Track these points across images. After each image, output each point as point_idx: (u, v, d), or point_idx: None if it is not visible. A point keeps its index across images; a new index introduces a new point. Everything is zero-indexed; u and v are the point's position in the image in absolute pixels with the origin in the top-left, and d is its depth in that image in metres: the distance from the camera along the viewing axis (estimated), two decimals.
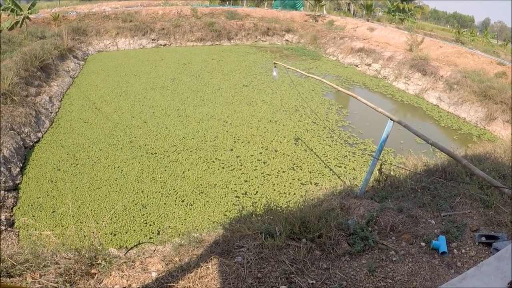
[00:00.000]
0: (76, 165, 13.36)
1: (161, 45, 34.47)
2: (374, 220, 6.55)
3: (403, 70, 26.29)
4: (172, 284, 5.10)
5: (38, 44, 22.88)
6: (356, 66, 30.72)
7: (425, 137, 6.75)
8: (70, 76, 23.11)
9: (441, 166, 9.14)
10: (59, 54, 24.43)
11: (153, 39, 34.27)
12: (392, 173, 9.48)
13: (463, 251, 5.79)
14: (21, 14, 24.77)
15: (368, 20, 41.24)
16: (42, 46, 22.61)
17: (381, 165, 9.09)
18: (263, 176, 13.26)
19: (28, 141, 14.48)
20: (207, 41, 36.08)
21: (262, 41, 38.48)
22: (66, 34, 27.08)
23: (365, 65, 30.00)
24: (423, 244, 5.97)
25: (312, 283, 5.13)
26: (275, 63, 16.13)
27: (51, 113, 17.52)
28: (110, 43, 32.44)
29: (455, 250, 5.83)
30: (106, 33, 32.60)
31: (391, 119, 7.64)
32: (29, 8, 26.07)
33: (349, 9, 53.87)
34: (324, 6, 45.59)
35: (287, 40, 39.17)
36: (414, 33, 30.75)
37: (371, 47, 30.86)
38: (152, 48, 33.87)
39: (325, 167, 13.99)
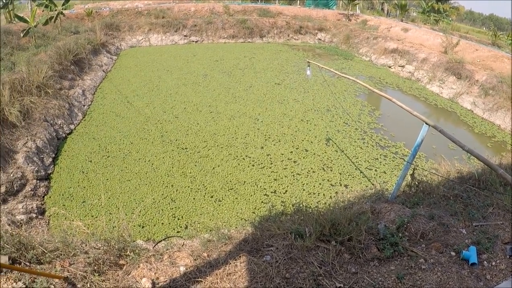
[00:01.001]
0: (108, 157, 13.50)
1: (193, 41, 34.57)
2: (404, 226, 6.40)
3: (437, 72, 25.72)
4: (200, 279, 5.10)
5: (72, 39, 23.23)
6: (390, 67, 30.17)
7: (461, 144, 6.53)
8: (103, 70, 23.39)
9: (474, 174, 8.89)
10: (93, 48, 24.77)
11: (185, 36, 34.41)
12: (424, 178, 9.27)
13: (493, 263, 5.58)
14: (56, 10, 25.16)
15: (402, 20, 40.63)
16: (76, 40, 22.97)
17: (413, 170, 8.89)
18: (293, 175, 13.16)
19: (61, 133, 14.68)
20: (239, 38, 36.06)
21: (295, 39, 38.24)
22: (100, 29, 27.49)
23: (399, 66, 29.44)
24: (453, 253, 5.79)
25: (340, 287, 5.06)
26: (308, 62, 15.96)
27: (84, 106, 17.74)
28: (142, 39, 32.71)
29: (485, 262, 5.62)
30: (138, 29, 32.92)
31: (426, 123, 7.43)
32: (63, 4, 26.55)
33: (382, 9, 53.04)
34: (357, 5, 45.04)
35: (319, 39, 38.81)
36: (449, 35, 30.08)
37: (405, 48, 30.28)
38: (184, 44, 34.03)
39: (356, 169, 13.81)
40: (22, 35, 20.54)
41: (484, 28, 63.25)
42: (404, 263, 5.56)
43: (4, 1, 25.01)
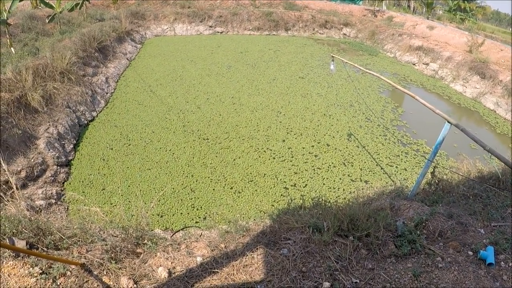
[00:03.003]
0: (129, 145, 13.53)
1: (218, 32, 34.62)
2: (423, 224, 6.35)
3: (461, 71, 25.42)
4: (216, 270, 5.08)
5: (96, 26, 23.35)
6: (414, 64, 29.96)
7: (482, 143, 6.47)
8: (127, 59, 23.47)
9: (495, 174, 8.74)
10: (117, 36, 24.92)
11: (210, 26, 34.44)
12: (444, 177, 9.15)
13: (510, 264, 5.47)
14: None
15: (428, 18, 40.30)
16: (101, 28, 23.09)
17: (434, 168, 8.78)
18: (314, 169, 13.06)
19: (83, 119, 14.74)
20: (264, 31, 35.97)
21: (320, 33, 38.02)
22: (125, 17, 27.64)
23: (423, 64, 29.20)
24: (470, 253, 5.70)
25: (356, 282, 5.01)
26: (332, 56, 15.86)
27: (107, 93, 17.81)
28: (167, 28, 32.79)
29: (502, 262, 5.51)
30: (164, 18, 33.02)
31: (448, 122, 7.34)
32: None
33: (409, 6, 52.69)
34: (383, 1, 44.78)
35: (344, 34, 38.54)
36: (475, 34, 29.69)
37: (430, 46, 30.02)
38: (209, 35, 34.07)
39: (377, 165, 13.68)
40: (47, 21, 20.64)
41: (510, 29, 62.25)
42: (421, 261, 5.48)
43: None
